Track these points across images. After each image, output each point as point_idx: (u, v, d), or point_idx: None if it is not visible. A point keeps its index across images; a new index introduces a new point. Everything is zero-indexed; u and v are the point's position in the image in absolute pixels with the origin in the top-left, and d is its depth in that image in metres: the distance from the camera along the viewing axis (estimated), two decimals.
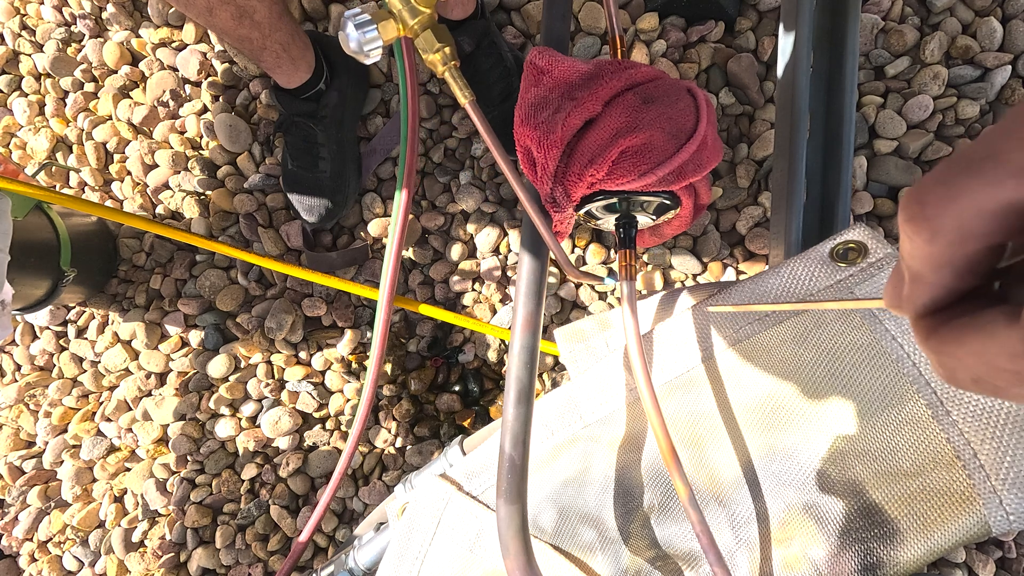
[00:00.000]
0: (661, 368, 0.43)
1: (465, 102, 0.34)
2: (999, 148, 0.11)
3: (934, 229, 0.12)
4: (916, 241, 0.13)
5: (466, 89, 0.34)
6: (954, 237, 0.12)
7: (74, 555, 0.96)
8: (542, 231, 0.40)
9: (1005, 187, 0.11)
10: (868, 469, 0.36)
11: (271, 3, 0.72)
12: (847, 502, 0.36)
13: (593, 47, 0.91)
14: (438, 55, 0.34)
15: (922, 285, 0.14)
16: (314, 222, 0.91)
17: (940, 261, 0.13)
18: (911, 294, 0.14)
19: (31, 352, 1.01)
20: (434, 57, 0.34)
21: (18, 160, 1.01)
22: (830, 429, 0.37)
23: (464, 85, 0.34)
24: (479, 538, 0.43)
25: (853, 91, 0.65)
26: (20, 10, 1.04)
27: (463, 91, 0.34)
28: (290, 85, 0.85)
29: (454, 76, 0.34)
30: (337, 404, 0.94)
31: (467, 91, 0.34)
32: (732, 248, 0.90)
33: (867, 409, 0.37)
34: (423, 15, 0.33)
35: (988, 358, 0.13)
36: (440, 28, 0.34)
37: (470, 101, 0.34)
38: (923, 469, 0.34)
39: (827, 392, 0.38)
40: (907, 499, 0.34)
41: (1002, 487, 0.32)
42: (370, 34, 0.33)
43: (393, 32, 0.34)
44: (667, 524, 0.40)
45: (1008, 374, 0.12)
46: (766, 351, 0.40)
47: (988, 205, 0.11)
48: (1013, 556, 0.83)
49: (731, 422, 0.40)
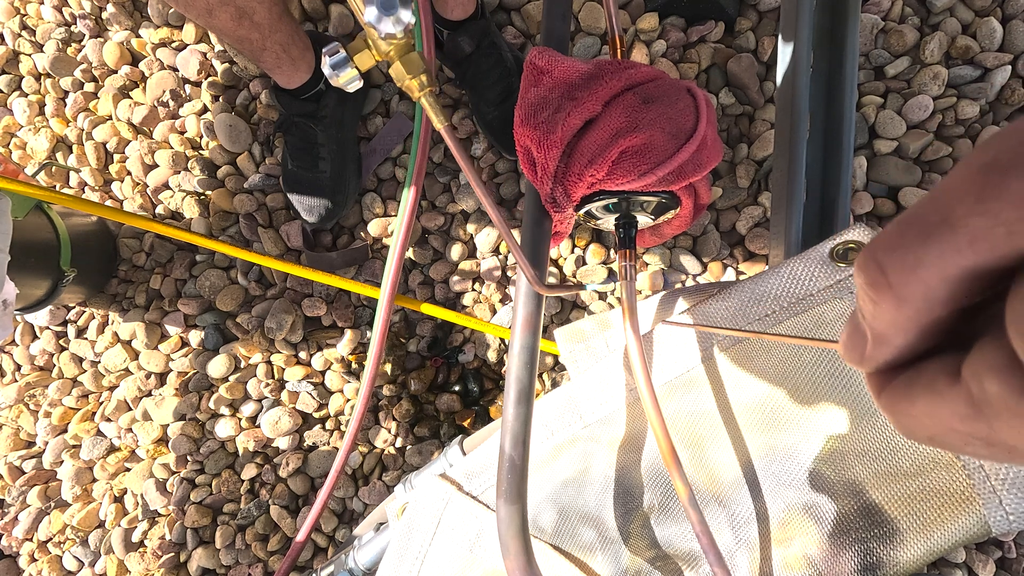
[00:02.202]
0: (661, 368, 0.43)
1: (441, 127, 0.35)
2: (953, 214, 0.11)
3: (900, 297, 0.12)
4: (882, 307, 0.13)
5: (441, 115, 0.35)
6: (921, 305, 0.12)
7: (74, 555, 0.96)
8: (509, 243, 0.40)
9: (964, 256, 0.11)
10: (868, 469, 0.36)
11: (271, 4, 0.72)
12: (847, 502, 0.36)
13: (593, 47, 0.91)
14: (415, 81, 0.34)
15: (886, 347, 0.14)
16: (314, 222, 0.91)
17: (907, 326, 0.13)
18: (874, 354, 0.14)
19: (31, 352, 1.01)
20: (411, 83, 0.34)
21: (18, 160, 1.01)
22: (830, 429, 0.37)
23: (440, 111, 0.35)
24: (479, 538, 0.43)
25: (853, 91, 0.65)
26: (20, 10, 1.04)
27: (438, 117, 0.35)
28: (290, 85, 0.85)
29: (429, 102, 0.35)
30: (337, 404, 0.95)
31: (442, 117, 0.35)
32: (732, 248, 0.90)
33: (867, 409, 0.37)
34: (397, 44, 0.33)
35: (938, 420, 0.13)
36: (415, 56, 0.34)
37: (445, 127, 0.35)
38: (923, 469, 0.34)
39: (827, 392, 0.38)
40: (907, 499, 0.34)
41: (1002, 487, 0.32)
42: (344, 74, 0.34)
43: (370, 61, 0.35)
44: (667, 524, 0.40)
45: (961, 435, 0.12)
46: (766, 351, 0.40)
47: (951, 272, 0.11)
48: (1013, 556, 0.83)
49: (731, 422, 0.40)
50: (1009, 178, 0.10)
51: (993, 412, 0.11)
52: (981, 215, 0.10)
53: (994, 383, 0.11)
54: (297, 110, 0.87)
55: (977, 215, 0.10)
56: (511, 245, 0.38)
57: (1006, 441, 0.11)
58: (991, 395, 0.11)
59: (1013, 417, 0.11)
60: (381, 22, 0.29)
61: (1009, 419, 0.11)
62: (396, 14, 0.29)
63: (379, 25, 0.30)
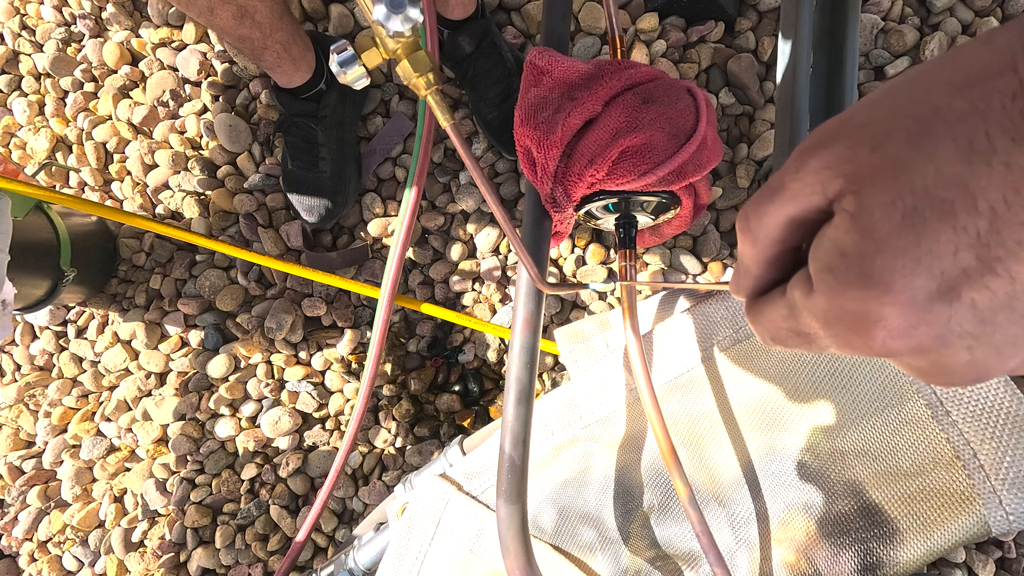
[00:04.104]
0: (661, 368, 0.43)
1: (447, 125, 0.35)
2: (783, 181, 0.17)
3: (755, 238, 0.18)
4: (744, 245, 0.19)
5: (447, 113, 0.35)
6: (765, 242, 0.18)
7: (74, 555, 0.96)
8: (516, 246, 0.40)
9: (787, 208, 0.17)
10: (868, 469, 0.36)
11: (272, 3, 0.72)
12: (847, 502, 0.36)
13: (593, 47, 0.91)
14: (421, 80, 0.34)
15: (750, 276, 0.19)
16: (314, 222, 0.91)
17: (759, 259, 0.18)
18: (744, 283, 0.20)
19: (31, 352, 1.01)
20: (418, 81, 0.34)
21: (18, 160, 1.01)
22: (830, 429, 0.37)
23: (446, 109, 0.35)
24: (479, 538, 0.43)
25: (853, 91, 0.65)
26: (20, 10, 1.04)
27: (445, 115, 0.35)
28: (290, 85, 0.85)
29: (436, 100, 0.35)
30: (337, 404, 0.94)
31: (448, 115, 0.35)
32: (732, 248, 0.90)
33: (867, 409, 0.37)
34: (404, 42, 0.33)
35: (774, 321, 0.19)
36: (422, 54, 0.34)
37: (451, 125, 0.35)
38: (923, 469, 0.34)
39: (827, 392, 0.38)
40: (907, 499, 0.34)
41: (1002, 487, 0.32)
42: (352, 71, 0.34)
43: (377, 59, 0.35)
44: (667, 524, 0.40)
45: (784, 331, 0.18)
46: (766, 351, 0.40)
47: (780, 219, 0.17)
48: (1013, 556, 0.83)
49: (731, 422, 0.40)
50: (809, 156, 0.16)
51: (797, 310, 0.17)
52: (796, 181, 0.16)
53: (797, 290, 0.17)
54: (297, 110, 0.87)
55: (794, 181, 0.16)
56: (513, 241, 0.38)
57: (805, 331, 0.17)
58: (796, 298, 0.17)
59: (806, 312, 0.17)
60: (390, 20, 0.29)
61: (805, 313, 0.17)
62: (405, 12, 0.29)
63: (388, 23, 0.30)
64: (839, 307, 0.15)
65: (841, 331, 0.16)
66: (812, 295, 0.16)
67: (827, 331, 0.16)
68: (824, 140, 0.16)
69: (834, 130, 0.16)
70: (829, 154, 0.15)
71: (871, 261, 0.14)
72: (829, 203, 0.15)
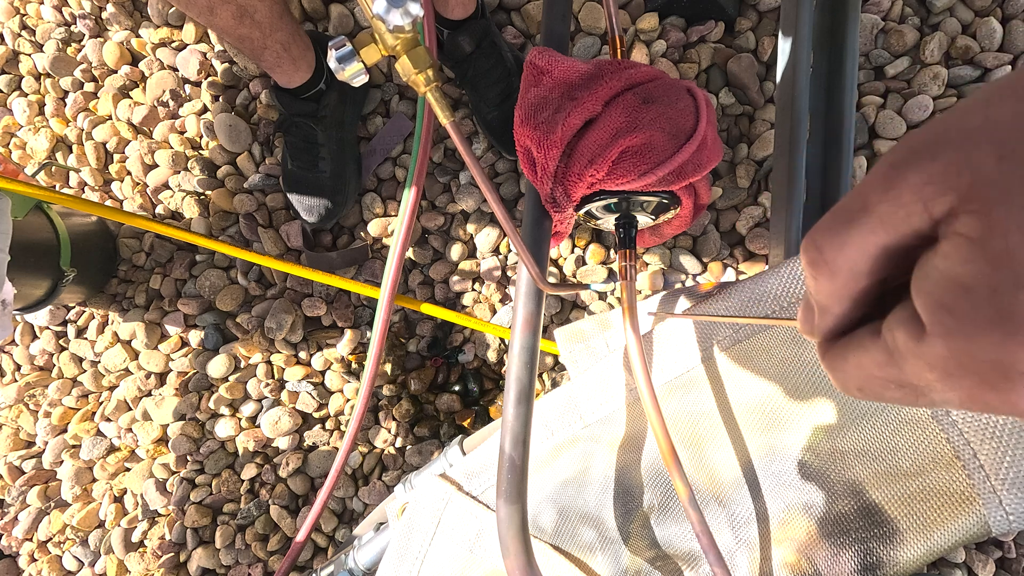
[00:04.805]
0: (661, 368, 0.43)
1: (447, 123, 0.34)
2: (868, 202, 0.14)
3: (833, 271, 0.15)
4: (820, 281, 0.16)
5: (447, 110, 0.35)
6: (849, 277, 0.15)
7: (74, 555, 0.96)
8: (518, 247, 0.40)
9: (877, 235, 0.14)
10: (868, 469, 0.36)
11: (272, 2, 0.72)
12: (847, 502, 0.36)
13: (593, 47, 0.91)
14: (421, 76, 0.34)
15: (828, 315, 0.17)
16: (314, 222, 0.91)
17: (841, 295, 0.16)
18: (820, 324, 0.17)
19: (31, 352, 1.01)
20: (417, 78, 0.34)
21: (18, 160, 1.01)
22: (830, 429, 0.37)
23: (446, 106, 0.35)
24: (479, 538, 0.43)
25: (853, 91, 0.65)
26: (20, 10, 1.04)
27: (444, 112, 0.34)
28: (290, 85, 0.85)
29: (436, 97, 0.35)
30: (337, 404, 0.94)
31: (448, 112, 0.35)
32: (732, 248, 0.90)
33: (867, 409, 0.37)
34: (404, 38, 0.33)
35: (864, 369, 0.16)
36: (421, 51, 0.34)
37: (451, 122, 0.34)
38: (923, 469, 0.34)
39: (827, 392, 0.38)
40: (907, 499, 0.34)
41: (1002, 487, 0.32)
42: (350, 67, 0.34)
43: (376, 55, 0.35)
44: (667, 524, 0.40)
45: (880, 380, 0.15)
46: (766, 351, 0.40)
47: (869, 248, 0.14)
48: (1013, 556, 0.83)
49: (731, 422, 0.40)
50: (905, 170, 0.13)
51: (901, 356, 0.14)
52: (887, 202, 0.13)
53: (901, 333, 0.14)
54: (297, 110, 0.87)
55: (884, 202, 0.14)
56: (513, 241, 0.38)
57: (912, 381, 0.14)
58: (899, 342, 0.14)
59: (915, 359, 0.14)
60: (390, 14, 0.29)
61: (913, 361, 0.14)
62: (405, 6, 0.29)
63: (388, 17, 0.29)
64: (967, 355, 0.13)
65: (969, 385, 0.13)
66: (925, 340, 0.13)
67: (947, 384, 0.13)
68: (923, 149, 0.13)
69: (935, 138, 0.13)
70: (934, 166, 0.13)
71: (1011, 297, 0.12)
72: (933, 226, 0.13)
